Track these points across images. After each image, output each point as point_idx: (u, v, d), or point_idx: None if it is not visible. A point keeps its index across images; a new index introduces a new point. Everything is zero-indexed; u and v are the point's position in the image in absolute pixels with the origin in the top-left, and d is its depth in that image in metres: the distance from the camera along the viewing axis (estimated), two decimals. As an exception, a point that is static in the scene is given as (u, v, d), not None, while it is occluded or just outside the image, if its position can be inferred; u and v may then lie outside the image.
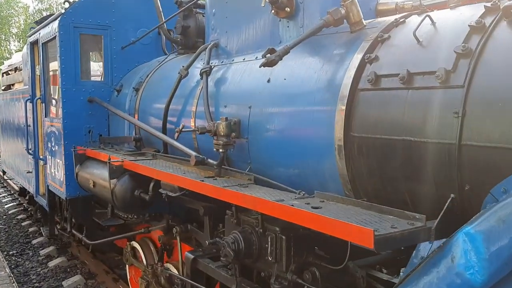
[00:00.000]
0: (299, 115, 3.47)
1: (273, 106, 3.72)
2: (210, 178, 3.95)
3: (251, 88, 4.03)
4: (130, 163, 5.02)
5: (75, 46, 6.63)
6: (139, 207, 5.25)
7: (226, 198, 3.42)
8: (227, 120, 3.94)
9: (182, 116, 5.00)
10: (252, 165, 4.00)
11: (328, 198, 3.03)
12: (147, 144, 5.91)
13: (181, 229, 4.69)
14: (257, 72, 4.07)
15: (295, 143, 3.48)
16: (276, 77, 3.78)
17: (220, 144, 3.90)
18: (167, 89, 5.42)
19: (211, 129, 3.97)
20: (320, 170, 3.31)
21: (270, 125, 3.72)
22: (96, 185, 5.62)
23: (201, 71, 4.60)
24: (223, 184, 3.64)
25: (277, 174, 3.70)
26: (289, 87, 3.60)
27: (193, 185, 3.85)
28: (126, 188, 5.06)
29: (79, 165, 6.34)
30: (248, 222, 3.52)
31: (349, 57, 3.21)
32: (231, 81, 4.37)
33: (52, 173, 7.37)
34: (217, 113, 4.42)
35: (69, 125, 6.64)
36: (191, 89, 4.97)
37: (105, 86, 6.92)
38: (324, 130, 3.22)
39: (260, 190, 3.39)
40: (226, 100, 4.33)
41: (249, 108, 3.95)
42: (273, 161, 3.74)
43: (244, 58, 4.41)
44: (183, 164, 4.71)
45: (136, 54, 7.08)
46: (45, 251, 9.52)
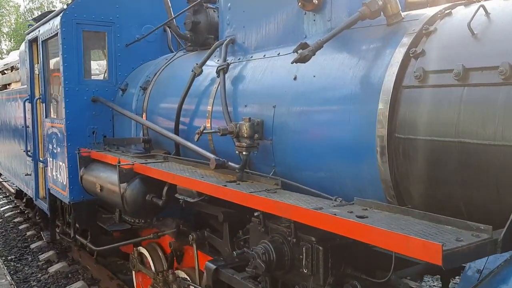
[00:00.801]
0: (333, 114, 3.22)
1: (301, 105, 3.46)
2: (232, 183, 3.69)
3: (275, 86, 3.78)
4: (141, 166, 4.75)
5: (78, 44, 6.34)
6: (151, 212, 4.99)
7: (255, 205, 3.16)
8: (250, 120, 3.69)
9: (196, 117, 4.74)
10: (276, 169, 3.74)
11: (371, 205, 2.78)
12: (156, 146, 5.64)
13: (197, 236, 4.42)
14: (281, 69, 3.82)
15: (328, 145, 3.24)
16: (304, 75, 3.53)
17: (244, 146, 3.65)
18: (179, 87, 5.16)
19: (233, 130, 3.71)
20: (357, 174, 3.06)
21: (298, 125, 3.46)
22: (104, 189, 5.35)
23: (218, 69, 4.34)
24: (249, 190, 3.38)
25: (305, 178, 3.45)
26: (319, 85, 3.35)
27: (215, 191, 3.59)
28: (137, 193, 4.80)
29: (84, 168, 6.06)
30: (278, 231, 3.27)
31: (389, 52, 2.96)
32: (251, 79, 4.11)
33: (53, 176, 7.08)
34: (236, 113, 4.17)
35: (72, 126, 6.35)
36: (205, 88, 4.71)
37: (109, 85, 6.63)
38: (362, 131, 2.97)
39: (291, 196, 3.14)
40: (246, 99, 4.07)
41: (274, 108, 3.70)
42: (301, 164, 3.49)
43: (265, 55, 4.16)
44: (198, 167, 4.45)
45: (141, 52, 6.80)
46: (44, 256, 9.22)
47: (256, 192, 3.30)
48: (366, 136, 2.93)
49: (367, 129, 2.92)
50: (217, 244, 4.36)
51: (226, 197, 3.48)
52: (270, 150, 3.74)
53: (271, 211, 3.00)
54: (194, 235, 4.43)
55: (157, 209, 4.93)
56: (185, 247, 5.43)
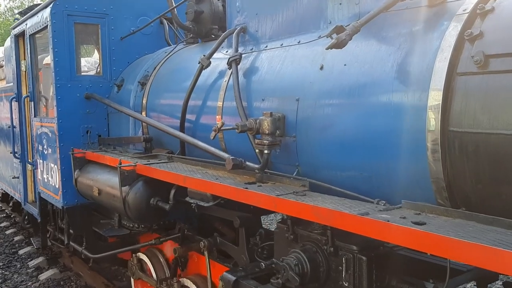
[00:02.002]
0: (370, 107, 2.87)
1: (330, 97, 3.11)
2: (252, 185, 3.34)
3: (298, 78, 3.43)
4: (145, 167, 4.37)
5: (70, 37, 5.91)
6: (155, 217, 4.61)
7: (285, 209, 2.80)
8: (272, 115, 3.33)
9: (204, 113, 4.37)
10: (300, 168, 3.39)
11: (423, 209, 2.44)
12: (156, 145, 5.25)
13: (209, 243, 4.05)
14: (304, 58, 3.47)
15: (364, 141, 2.89)
16: (332, 63, 3.18)
17: (265, 144, 3.29)
18: (183, 82, 4.78)
19: (252, 126, 3.35)
20: (400, 173, 2.72)
21: (328, 120, 3.11)
22: (102, 193, 4.94)
23: (230, 60, 3.97)
24: (274, 192, 3.03)
25: (335, 179, 3.11)
26: (352, 75, 3.00)
27: (235, 194, 3.22)
28: (140, 197, 4.41)
29: (78, 170, 5.65)
30: (310, 238, 2.92)
31: (437, 36, 2.62)
32: (268, 71, 3.75)
33: (44, 179, 6.64)
34: (251, 108, 3.81)
35: (65, 125, 5.92)
36: (213, 82, 4.34)
37: (104, 81, 6.21)
38: (408, 125, 2.63)
39: (325, 199, 2.79)
40: (263, 92, 3.71)
41: (297, 101, 3.34)
42: (330, 163, 3.14)
43: (282, 43, 3.80)
44: (208, 168, 4.08)
45: (136, 45, 6.39)
46: (34, 263, 8.76)
47: (284, 195, 2.94)
48: (413, 130, 2.59)
49: (415, 123, 2.58)
50: (232, 251, 4.00)
51: (249, 200, 3.11)
52: (293, 148, 3.39)
53: (306, 217, 2.64)
54: (205, 242, 4.06)
55: (162, 213, 4.55)
56: (190, 253, 5.07)
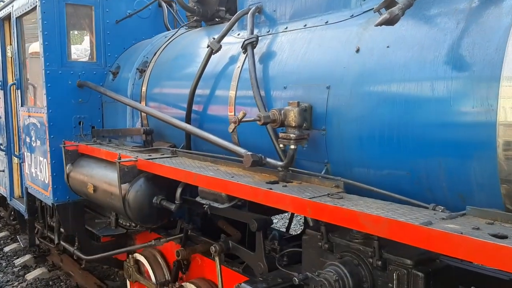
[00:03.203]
0: (421, 95, 2.45)
1: (370, 84, 2.69)
2: (275, 184, 2.92)
3: (328, 62, 3.00)
4: (147, 163, 3.92)
5: (61, 19, 5.42)
6: (158, 217, 4.17)
7: (323, 216, 2.38)
8: (299, 105, 2.91)
9: (214, 103, 3.92)
10: (330, 166, 2.98)
11: (495, 217, 2.05)
12: (157, 138, 4.80)
13: (221, 248, 3.63)
14: (334, 40, 3.04)
15: (413, 135, 2.48)
16: (372, 45, 2.76)
17: (291, 138, 2.86)
18: (188, 68, 4.35)
19: (276, 118, 2.92)
20: (459, 174, 2.32)
21: (367, 110, 2.69)
22: (98, 190, 4.49)
23: (245, 43, 3.53)
24: (303, 194, 2.61)
25: (374, 179, 2.70)
26: (398, 58, 2.58)
27: (258, 195, 2.80)
28: (142, 195, 3.97)
29: (71, 165, 5.18)
30: (349, 249, 2.51)
31: (506, 11, 2.22)
32: (290, 55, 3.32)
33: (32, 173, 6.16)
34: (270, 98, 3.38)
35: (55, 115, 5.43)
36: (224, 68, 3.90)
37: (98, 67, 5.72)
38: (471, 117, 2.23)
39: (368, 204, 2.38)
40: (285, 79, 3.28)
41: (328, 89, 2.92)
42: (368, 161, 2.73)
43: (306, 24, 3.37)
44: (219, 164, 3.66)
45: (133, 30, 5.92)
46: (20, 261, 8.27)
47: (317, 198, 2.53)
48: (479, 124, 2.19)
49: (481, 115, 2.18)
50: (247, 257, 3.58)
51: (275, 203, 2.69)
52: (322, 142, 2.97)
53: (352, 225, 2.23)
54: (217, 247, 3.63)
55: (166, 213, 4.13)
56: (193, 255, 4.65)
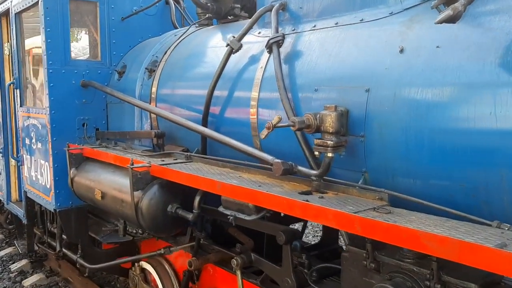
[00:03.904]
0: (478, 101, 2.22)
1: (418, 87, 2.46)
2: (308, 195, 2.69)
3: (367, 63, 2.78)
4: (161, 169, 3.68)
5: (64, 15, 5.15)
6: (173, 227, 3.93)
7: (374, 233, 2.15)
8: (337, 109, 2.68)
9: (234, 105, 3.69)
10: (368, 175, 2.75)
11: None
12: (167, 141, 4.55)
13: (243, 261, 3.39)
14: (373, 40, 2.82)
15: (469, 143, 2.26)
16: (418, 45, 2.54)
17: (329, 145, 2.63)
18: (203, 68, 4.12)
19: (311, 123, 2.69)
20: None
21: (414, 115, 2.47)
22: (107, 197, 4.23)
23: (270, 42, 3.30)
24: (345, 207, 2.39)
25: (421, 190, 2.48)
26: (451, 59, 2.36)
27: (292, 207, 2.56)
28: (156, 203, 3.72)
29: (75, 169, 4.92)
30: (401, 269, 2.28)
31: None
32: (321, 55, 3.09)
33: (31, 177, 5.88)
34: (298, 100, 3.16)
35: (58, 116, 5.16)
36: (245, 68, 3.67)
37: (102, 66, 5.46)
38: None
39: (422, 220, 2.16)
40: (316, 81, 3.05)
41: (367, 92, 2.70)
42: (416, 171, 2.50)
43: (337, 22, 3.14)
44: (241, 171, 3.42)
45: (139, 27, 5.67)
46: (16, 266, 7.95)
47: (362, 213, 2.31)
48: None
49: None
50: (272, 271, 3.34)
51: (313, 217, 2.46)
52: (360, 150, 2.74)
53: (410, 246, 2.00)
54: (239, 259, 3.39)
55: (180, 223, 3.88)
56: (205, 265, 4.41)
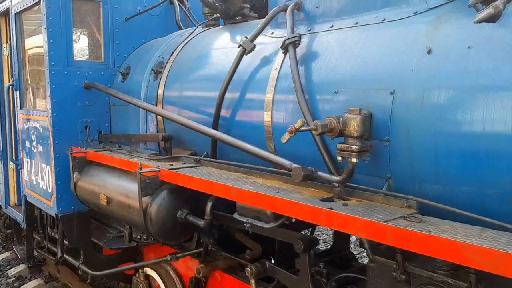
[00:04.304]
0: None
1: (448, 89, 2.35)
2: (331, 202, 2.57)
3: (391, 64, 2.66)
4: (171, 174, 3.55)
5: (67, 15, 5.01)
6: (182, 234, 3.80)
7: (409, 245, 2.03)
8: (361, 112, 2.57)
9: (246, 107, 3.57)
10: (393, 181, 2.64)
11: None
12: (174, 144, 4.42)
13: (257, 270, 3.26)
14: (397, 40, 2.71)
15: (509, 150, 2.15)
16: (447, 46, 2.43)
17: (353, 150, 2.52)
18: (212, 70, 4.00)
19: (333, 127, 2.58)
20: None
21: (444, 119, 2.36)
22: (113, 202, 4.09)
23: (286, 42, 3.18)
24: (374, 216, 2.27)
25: (451, 198, 2.37)
26: (485, 61, 2.24)
27: (319, 216, 2.44)
28: (166, 209, 3.59)
29: (78, 173, 4.78)
30: (434, 281, 2.16)
31: None
32: (341, 56, 2.98)
33: (32, 181, 5.74)
34: (315, 103, 3.04)
35: (60, 119, 5.02)
36: (258, 69, 3.55)
37: (106, 68, 5.33)
38: None
39: (457, 229, 2.05)
40: (335, 83, 2.93)
41: (392, 95, 2.58)
42: (446, 178, 2.39)
43: (357, 22, 3.03)
44: (254, 176, 3.30)
45: (143, 28, 5.55)
46: (14, 271, 7.78)
47: (392, 221, 2.19)
48: None
49: None
50: (288, 281, 3.21)
51: (340, 226, 2.34)
52: (384, 155, 2.63)
53: (450, 258, 1.88)
54: (253, 268, 3.27)
55: (190, 229, 3.75)
56: (214, 272, 4.29)
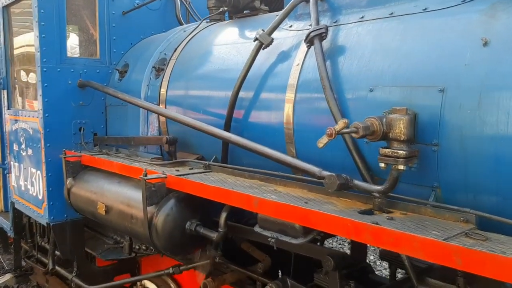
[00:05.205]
0: None
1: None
2: (375, 216, 2.25)
3: (439, 58, 2.35)
4: (180, 181, 3.20)
5: (60, 8, 4.63)
6: (191, 247, 3.44)
7: (488, 271, 1.71)
8: (408, 113, 2.25)
9: (263, 108, 3.23)
10: (440, 191, 2.32)
11: None
12: (179, 148, 4.06)
13: (277, 287, 2.92)
14: (444, 31, 2.40)
15: None
16: (507, 37, 2.13)
17: (400, 156, 2.19)
18: (224, 67, 3.65)
19: (376, 129, 2.25)
20: None
21: (507, 122, 2.05)
22: (112, 211, 3.72)
23: (311, 35, 2.86)
24: (429, 232, 1.95)
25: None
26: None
27: (364, 232, 2.11)
28: (173, 220, 3.23)
29: (72, 179, 4.40)
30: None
31: None
32: (376, 49, 2.65)
33: (20, 187, 5.34)
34: (345, 102, 2.71)
35: (52, 120, 4.64)
36: (276, 65, 3.22)
37: (101, 65, 4.95)
38: None
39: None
40: (371, 79, 2.60)
41: (441, 92, 2.27)
42: (508, 188, 2.08)
43: (392, 12, 2.72)
44: (273, 183, 2.97)
45: (141, 23, 5.20)
46: (0, 281, 7.38)
47: (453, 239, 1.88)
48: None
49: None
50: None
51: (391, 245, 2.00)
52: (432, 161, 2.31)
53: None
54: (274, 286, 2.93)
55: (199, 242, 3.41)
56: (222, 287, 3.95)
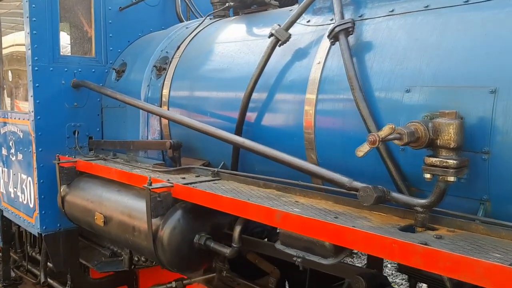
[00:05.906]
0: None
1: None
2: (418, 233, 1.99)
3: (488, 55, 2.09)
4: (188, 190, 2.90)
5: (53, 3, 4.33)
6: (200, 262, 3.15)
7: None
8: (458, 116, 1.98)
9: (279, 111, 2.95)
10: (490, 204, 2.06)
11: None
12: (182, 153, 3.77)
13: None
14: (492, 24, 2.17)
15: None
16: None
17: (450, 166, 1.93)
18: (234, 66, 3.36)
19: (420, 135, 1.98)
20: None
21: None
22: (112, 223, 3.42)
23: (336, 30, 2.58)
24: (494, 257, 1.69)
25: None
26: None
27: (414, 256, 1.83)
28: (181, 233, 2.94)
29: (66, 186, 4.09)
30: None
31: None
32: (412, 45, 2.38)
33: (9, 194, 5.01)
34: (376, 104, 2.45)
35: (44, 123, 4.33)
36: (292, 64, 2.94)
37: (97, 64, 4.64)
38: None
39: None
40: (407, 79, 2.33)
41: (493, 94, 2.01)
42: None
43: (428, 5, 2.45)
44: (292, 193, 2.70)
45: (139, 20, 4.91)
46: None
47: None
48: None
49: None
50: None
51: (448, 271, 1.73)
52: (482, 171, 2.05)
53: None
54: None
55: (208, 256, 3.12)
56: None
